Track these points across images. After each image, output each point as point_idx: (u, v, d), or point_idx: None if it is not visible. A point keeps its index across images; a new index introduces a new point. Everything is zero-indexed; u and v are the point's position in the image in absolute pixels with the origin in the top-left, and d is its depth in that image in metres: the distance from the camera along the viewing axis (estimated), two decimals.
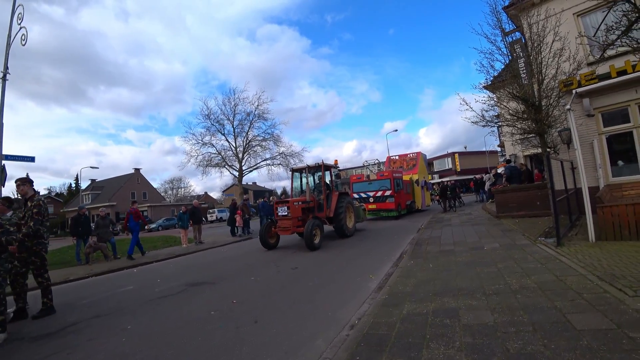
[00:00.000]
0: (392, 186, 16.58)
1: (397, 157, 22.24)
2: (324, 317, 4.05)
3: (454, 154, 51.64)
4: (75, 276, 8.67)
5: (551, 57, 7.36)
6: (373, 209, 17.25)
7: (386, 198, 16.81)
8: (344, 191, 12.57)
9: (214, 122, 30.86)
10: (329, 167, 11.94)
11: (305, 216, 10.29)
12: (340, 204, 11.19)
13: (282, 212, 9.96)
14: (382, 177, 17.42)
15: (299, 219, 10.07)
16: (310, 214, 10.57)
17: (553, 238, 6.26)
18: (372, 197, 17.41)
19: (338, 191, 11.74)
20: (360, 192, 17.97)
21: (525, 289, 3.84)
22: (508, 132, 8.69)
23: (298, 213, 10.00)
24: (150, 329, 4.23)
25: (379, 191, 17.16)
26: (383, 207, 16.92)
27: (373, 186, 17.51)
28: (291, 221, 9.76)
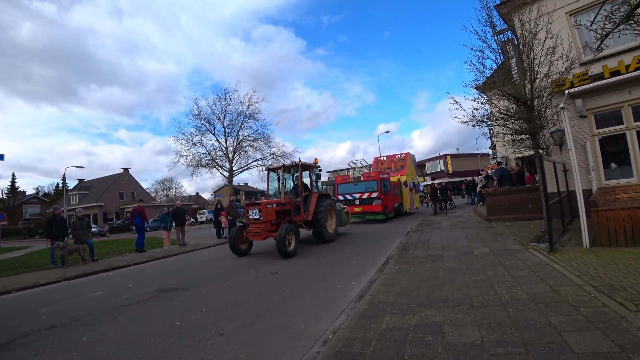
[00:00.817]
0: (379, 188, 15.92)
1: (385, 157, 21.57)
2: (295, 331, 3.67)
3: (446, 156, 51.68)
4: (45, 280, 8.16)
5: (543, 55, 7.10)
6: (359, 211, 16.53)
7: (372, 200, 16.09)
8: (325, 193, 11.89)
9: (204, 121, 30.44)
10: (307, 166, 11.22)
11: (280, 220, 9.47)
12: (320, 207, 10.46)
13: (253, 216, 8.95)
14: (368, 178, 16.66)
15: (272, 223, 9.21)
16: (286, 218, 9.75)
17: (545, 243, 5.97)
18: (357, 199, 16.63)
19: (318, 192, 11.03)
20: (345, 194, 17.20)
21: (517, 301, 3.50)
22: (499, 133, 8.41)
23: (271, 216, 9.14)
24: (105, 343, 3.80)
25: (365, 193, 16.39)
26: (369, 209, 16.22)
27: (359, 188, 16.78)
28: (263, 225, 8.83)
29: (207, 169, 31.44)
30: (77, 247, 10.47)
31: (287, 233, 8.39)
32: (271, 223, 9.14)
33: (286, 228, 8.45)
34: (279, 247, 8.15)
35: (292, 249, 8.47)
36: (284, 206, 9.70)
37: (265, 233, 8.87)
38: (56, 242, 10.18)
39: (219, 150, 31.30)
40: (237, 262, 8.50)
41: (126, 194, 50.38)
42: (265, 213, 8.92)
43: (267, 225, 8.95)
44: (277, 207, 9.45)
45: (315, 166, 11.46)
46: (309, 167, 11.24)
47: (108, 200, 46.85)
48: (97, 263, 10.40)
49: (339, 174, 19.13)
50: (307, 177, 11.31)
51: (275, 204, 9.47)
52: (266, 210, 9.00)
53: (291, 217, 9.80)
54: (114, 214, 47.20)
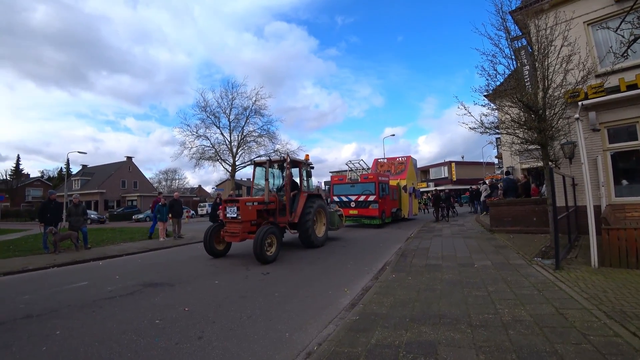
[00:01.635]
0: (377, 191, 15.19)
1: (385, 160, 20.71)
2: (279, 339, 3.42)
3: (451, 163, 51.23)
4: (34, 266, 8.00)
5: (558, 63, 6.80)
6: (354, 214, 15.77)
7: (369, 204, 15.32)
8: (316, 193, 10.98)
9: (210, 114, 30.24)
10: (297, 163, 10.30)
11: (262, 220, 8.61)
12: (308, 208, 9.58)
13: (230, 214, 8.07)
14: (366, 180, 15.82)
15: (252, 224, 8.29)
16: (270, 218, 8.90)
17: (551, 259, 5.68)
18: (353, 202, 15.86)
19: (307, 192, 10.13)
20: (341, 195, 16.41)
21: (519, 323, 3.23)
22: (507, 142, 8.11)
23: (251, 216, 8.20)
24: (78, 338, 3.57)
25: (361, 195, 15.65)
26: (365, 213, 15.44)
27: (356, 189, 15.99)
28: (242, 225, 7.89)
29: (210, 162, 31.31)
30: (69, 233, 10.31)
31: (266, 235, 7.52)
32: (251, 223, 8.26)
33: (266, 230, 7.56)
34: (255, 251, 7.28)
35: (271, 254, 7.65)
36: (268, 205, 8.76)
37: (243, 234, 7.95)
38: (49, 227, 10.03)
39: (222, 144, 31.14)
40: (228, 260, 8.27)
41: (128, 182, 50.35)
42: (244, 212, 7.99)
43: (245, 225, 8.05)
44: (259, 205, 8.53)
45: (306, 163, 10.57)
46: (299, 164, 10.36)
47: (110, 188, 46.84)
48: (89, 251, 10.22)
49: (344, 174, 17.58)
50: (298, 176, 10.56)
51: (257, 202, 8.56)
52: (245, 209, 8.06)
53: (275, 218, 8.94)
54: (115, 202, 47.19)
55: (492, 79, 7.43)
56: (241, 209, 7.93)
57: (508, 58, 7.37)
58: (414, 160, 21.00)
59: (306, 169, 10.49)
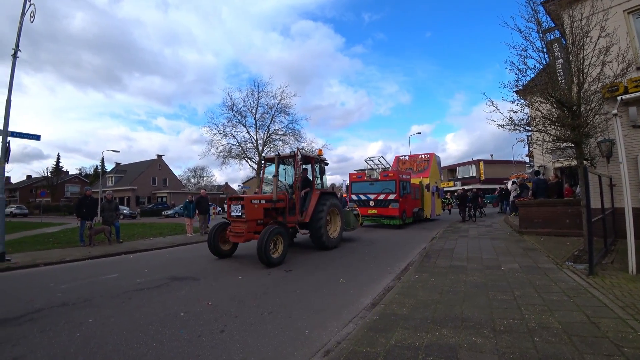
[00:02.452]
0: (398, 189, 14.41)
1: (407, 157, 19.90)
2: (297, 336, 3.46)
3: (479, 162, 49.59)
4: (71, 257, 8.50)
5: (595, 55, 6.39)
6: (373, 214, 15.08)
7: (389, 203, 14.53)
8: (329, 190, 10.23)
9: (236, 113, 30.82)
10: (309, 158, 9.52)
11: (269, 219, 8.13)
12: (320, 207, 9.01)
13: (235, 212, 7.64)
14: (386, 177, 15.04)
15: (259, 223, 7.79)
16: (279, 217, 8.38)
17: (584, 264, 5.39)
18: (372, 201, 15.10)
19: (320, 190, 9.50)
20: (359, 194, 15.72)
21: (546, 330, 3.09)
22: (539, 139, 7.73)
23: (257, 215, 7.70)
24: (108, 327, 3.78)
25: (381, 194, 14.85)
26: (385, 213, 14.69)
27: (375, 188, 15.21)
28: (246, 225, 7.42)
29: (237, 160, 31.93)
30: (103, 227, 10.86)
31: (271, 236, 7.01)
32: (257, 223, 7.76)
33: (271, 230, 7.04)
34: (259, 252, 6.77)
35: (277, 257, 7.13)
36: (276, 204, 8.22)
37: (248, 234, 7.46)
38: (85, 222, 10.63)
39: (249, 142, 31.68)
40: (252, 257, 8.42)
41: (158, 179, 52.36)
42: (249, 210, 7.50)
43: (251, 224, 7.55)
44: (266, 204, 7.97)
45: (319, 159, 9.82)
46: (311, 160, 9.60)
47: (141, 185, 48.89)
48: (121, 245, 10.73)
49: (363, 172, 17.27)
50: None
51: (264, 200, 8.03)
52: (251, 207, 7.56)
53: (285, 218, 8.41)
54: (146, 198, 49.22)
55: (522, 74, 7.11)
56: (246, 207, 7.46)
57: (539, 52, 7.03)
58: (437, 157, 20.04)
59: (319, 165, 9.85)
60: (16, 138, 9.23)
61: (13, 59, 8.69)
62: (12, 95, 8.56)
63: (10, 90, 8.60)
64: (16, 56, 8.73)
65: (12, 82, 8.65)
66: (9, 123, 8.48)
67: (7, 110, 8.51)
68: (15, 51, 8.69)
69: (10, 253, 8.67)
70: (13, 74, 8.69)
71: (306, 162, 9.57)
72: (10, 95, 8.57)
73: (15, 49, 8.69)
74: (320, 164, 9.89)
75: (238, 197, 7.87)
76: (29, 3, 8.74)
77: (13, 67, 8.69)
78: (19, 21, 8.72)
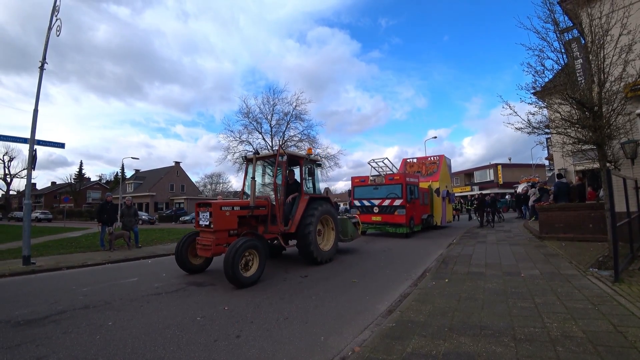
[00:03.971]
0: (404, 194, 13.16)
1: (416, 160, 18.51)
2: (313, 342, 3.45)
3: (497, 165, 48.46)
4: (92, 261, 8.75)
5: (617, 54, 6.19)
6: (377, 221, 13.84)
7: (395, 209, 13.29)
8: (322, 195, 8.86)
9: (252, 120, 31.21)
10: (295, 158, 8.19)
11: (247, 229, 6.95)
12: (309, 215, 7.73)
13: (203, 221, 6.45)
14: (391, 181, 13.78)
15: (231, 234, 6.60)
16: (260, 227, 7.27)
17: (609, 271, 5.19)
18: (377, 207, 13.88)
19: (310, 195, 8.22)
20: (362, 199, 14.49)
21: (570, 339, 2.98)
22: (558, 142, 7.52)
23: (229, 224, 6.48)
24: (127, 330, 3.86)
25: (386, 199, 13.63)
26: (390, 220, 13.42)
27: (380, 192, 13.96)
28: (214, 236, 6.23)
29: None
30: (122, 232, 11.15)
31: (241, 250, 5.73)
32: (229, 233, 6.57)
33: (242, 243, 5.80)
34: (225, 270, 5.60)
35: (250, 275, 5.93)
36: (254, 211, 6.98)
37: (217, 247, 6.24)
38: (106, 227, 10.95)
39: (264, 149, 32.01)
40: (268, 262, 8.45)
41: (176, 185, 53.51)
42: (218, 218, 6.30)
43: (220, 235, 6.33)
44: (241, 211, 6.76)
45: (309, 158, 8.40)
46: (299, 160, 8.22)
47: (159, 191, 50.07)
48: (140, 249, 10.99)
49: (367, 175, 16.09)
50: None
51: (239, 206, 6.77)
52: (220, 215, 6.35)
53: (266, 227, 7.32)
54: (164, 204, 50.32)
55: (540, 75, 6.96)
56: (214, 215, 6.27)
57: (557, 52, 6.86)
58: (447, 159, 18.76)
59: (309, 166, 8.45)
60: (42, 146, 9.65)
61: (40, 72, 9.08)
62: (39, 105, 8.96)
63: (37, 101, 9.00)
64: (43, 68, 9.11)
65: (39, 93, 9.04)
66: (35, 132, 8.86)
67: (34, 120, 8.89)
68: (42, 64, 9.07)
69: (35, 257, 9.00)
70: (40, 85, 9.07)
71: (293, 162, 8.42)
72: (37, 106, 8.96)
73: (42, 62, 9.08)
74: (310, 164, 8.57)
75: (206, 203, 6.56)
76: (56, 17, 9.14)
77: (40, 79, 9.07)
78: (46, 35, 9.13)
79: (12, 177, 46.20)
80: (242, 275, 5.73)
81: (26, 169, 8.74)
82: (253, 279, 5.94)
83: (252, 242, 6.01)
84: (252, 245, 6.03)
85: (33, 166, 8.98)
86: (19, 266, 7.88)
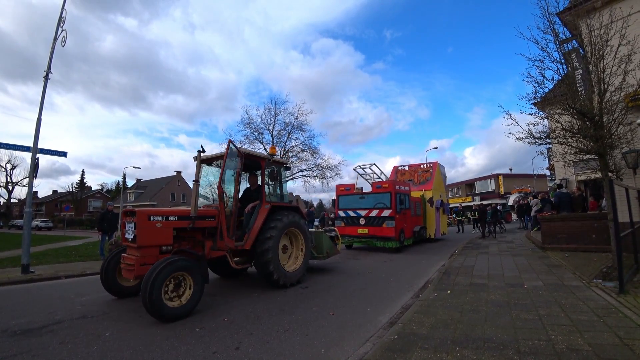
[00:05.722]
0: (394, 204, 11.80)
1: (407, 167, 17.24)
2: (313, 355, 3.39)
3: (498, 176, 48.42)
4: (91, 270, 8.70)
5: (616, 65, 6.24)
6: (364, 234, 12.39)
7: (384, 220, 11.89)
8: (289, 204, 7.39)
9: (254, 130, 31.33)
10: (255, 158, 6.74)
11: (187, 245, 5.70)
12: (270, 227, 6.29)
13: (128, 234, 5.11)
14: (379, 189, 12.48)
15: (164, 250, 5.21)
16: (208, 242, 5.83)
17: (613, 282, 5.12)
18: (363, 218, 12.47)
19: (272, 203, 6.72)
20: (347, 210, 13.04)
21: (575, 352, 2.92)
22: (559, 152, 7.52)
23: (160, 238, 5.12)
24: (125, 341, 3.80)
25: (374, 209, 12.25)
26: (378, 233, 11.98)
27: (366, 202, 12.60)
28: (139, 253, 4.91)
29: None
30: None
31: (166, 273, 4.46)
32: (161, 250, 5.18)
33: (168, 263, 4.53)
34: (143, 298, 4.31)
35: (178, 305, 4.63)
36: (197, 222, 5.56)
37: (141, 268, 4.82)
38: (106, 236, 10.91)
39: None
40: None
41: (177, 195, 53.52)
42: (144, 231, 4.92)
43: (146, 253, 4.97)
44: (178, 221, 5.38)
45: (271, 159, 6.99)
46: (260, 161, 6.78)
47: (161, 200, 50.03)
48: None
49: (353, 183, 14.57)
50: None
51: (175, 216, 5.39)
52: (147, 227, 4.97)
53: (215, 243, 5.88)
54: None
55: (540, 85, 7.00)
56: (139, 227, 4.90)
57: (557, 62, 6.91)
58: (441, 167, 17.48)
59: (271, 168, 6.93)
60: (44, 155, 9.70)
61: (45, 81, 9.17)
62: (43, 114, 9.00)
63: (41, 110, 9.06)
64: (47, 78, 9.21)
65: (42, 102, 9.11)
66: (38, 140, 8.90)
67: (37, 128, 8.94)
68: (47, 73, 9.17)
69: (34, 265, 8.95)
70: (44, 94, 9.15)
71: (251, 163, 6.89)
72: (40, 114, 9.02)
73: (47, 71, 9.19)
74: (273, 166, 7.03)
75: (131, 212, 5.22)
76: (61, 28, 9.28)
77: (44, 89, 9.17)
78: (51, 45, 9.25)
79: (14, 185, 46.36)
80: (166, 305, 4.45)
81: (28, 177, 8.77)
82: (183, 310, 4.63)
83: (181, 263, 4.71)
84: (182, 267, 4.72)
85: (35, 174, 9.01)
86: (17, 274, 7.84)
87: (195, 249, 5.80)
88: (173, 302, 4.65)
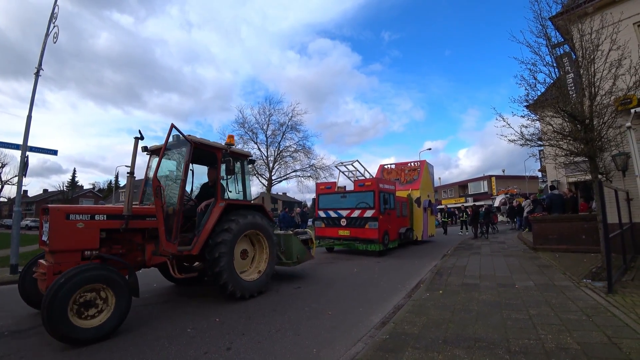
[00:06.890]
0: (377, 204, 10.91)
1: (394, 165, 16.27)
2: (305, 355, 3.38)
3: (491, 177, 48.83)
4: None
5: (607, 69, 6.33)
6: (345, 236, 11.52)
7: (366, 221, 10.99)
8: (249, 202, 6.62)
9: (247, 130, 31.18)
10: (209, 148, 5.71)
11: (120, 249, 4.90)
12: (223, 230, 5.38)
13: (45, 236, 4.29)
14: (362, 187, 11.53)
15: (87, 257, 4.32)
16: (149, 246, 5.19)
17: (602, 282, 5.19)
18: (344, 218, 11.58)
19: (228, 201, 5.82)
20: (328, 210, 12.09)
21: (564, 351, 2.95)
22: (551, 154, 7.60)
23: (81, 241, 4.28)
24: (115, 342, 3.76)
25: (355, 209, 11.34)
26: (360, 235, 11.11)
27: (348, 202, 11.65)
28: (53, 259, 4.11)
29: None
30: None
31: (77, 285, 3.68)
32: (83, 256, 4.30)
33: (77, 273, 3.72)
34: (43, 316, 3.51)
35: (93, 326, 3.78)
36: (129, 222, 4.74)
37: (54, 277, 3.84)
38: None
39: (259, 159, 31.88)
40: None
41: None
42: (59, 232, 4.14)
43: (62, 259, 4.10)
44: (107, 221, 4.58)
45: (228, 149, 5.92)
46: (216, 152, 5.80)
47: None
48: None
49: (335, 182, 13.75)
50: None
51: (104, 214, 4.59)
52: (64, 227, 4.18)
53: (156, 247, 5.14)
54: None
55: (532, 88, 7.07)
56: (52, 227, 4.11)
57: (549, 66, 7.00)
58: (430, 166, 16.60)
59: (228, 159, 5.72)
60: (35, 153, 9.55)
61: (35, 77, 9.04)
62: (35, 112, 8.91)
63: (32, 108, 8.94)
64: (38, 74, 9.08)
65: (33, 99, 8.99)
66: (28, 138, 8.77)
67: (27, 126, 8.81)
68: (37, 69, 9.04)
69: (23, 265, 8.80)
70: (35, 91, 9.02)
71: (208, 156, 5.94)
72: (31, 112, 8.90)
73: (38, 68, 9.05)
74: (232, 158, 5.81)
75: (45, 209, 4.34)
76: (53, 24, 9.15)
77: (35, 85, 9.03)
78: (43, 41, 9.13)
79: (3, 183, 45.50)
80: (74, 326, 3.61)
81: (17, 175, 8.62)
82: (99, 331, 3.78)
83: (97, 272, 3.88)
84: (98, 277, 3.87)
85: (24, 173, 8.87)
86: (6, 275, 7.70)
87: (133, 254, 5.08)
88: (87, 321, 3.77)
